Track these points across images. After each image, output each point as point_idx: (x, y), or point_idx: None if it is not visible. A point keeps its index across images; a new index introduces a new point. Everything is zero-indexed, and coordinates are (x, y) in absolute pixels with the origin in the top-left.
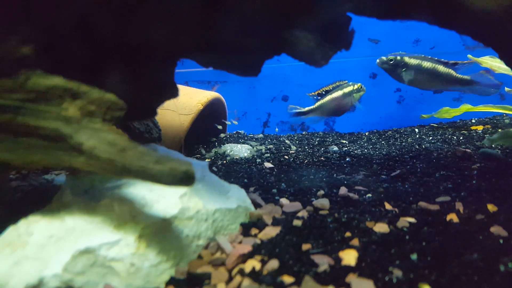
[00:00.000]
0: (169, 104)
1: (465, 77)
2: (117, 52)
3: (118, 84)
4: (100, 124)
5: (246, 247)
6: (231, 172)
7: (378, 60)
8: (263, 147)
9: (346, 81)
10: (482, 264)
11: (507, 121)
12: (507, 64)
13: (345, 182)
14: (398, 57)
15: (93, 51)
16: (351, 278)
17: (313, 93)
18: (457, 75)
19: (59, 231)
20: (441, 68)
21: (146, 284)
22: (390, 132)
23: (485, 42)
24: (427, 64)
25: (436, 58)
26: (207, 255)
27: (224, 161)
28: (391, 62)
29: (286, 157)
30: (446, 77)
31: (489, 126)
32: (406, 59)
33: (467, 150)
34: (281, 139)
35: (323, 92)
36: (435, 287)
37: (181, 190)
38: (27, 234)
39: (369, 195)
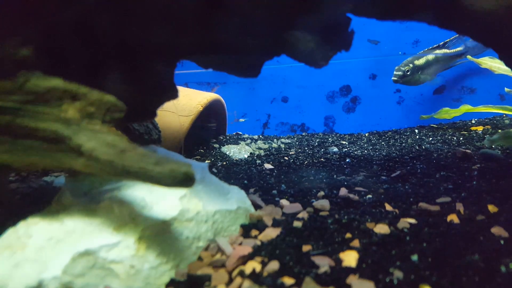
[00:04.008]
0: (168, 105)
1: (458, 48)
2: (116, 53)
3: (117, 85)
4: (100, 126)
5: (246, 249)
6: (231, 173)
7: (395, 78)
8: (262, 149)
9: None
10: (483, 265)
11: (507, 121)
12: (507, 64)
13: (345, 183)
14: (410, 65)
15: (93, 53)
16: (352, 280)
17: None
18: (451, 51)
19: (58, 233)
20: (439, 53)
21: (146, 286)
22: (390, 133)
23: (485, 42)
24: (430, 56)
25: (428, 49)
26: (207, 257)
27: (224, 163)
28: (409, 73)
29: (286, 158)
30: (446, 58)
31: (489, 126)
32: (417, 62)
33: (467, 150)
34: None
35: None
36: None
37: (181, 191)
38: (26, 236)
39: (370, 196)
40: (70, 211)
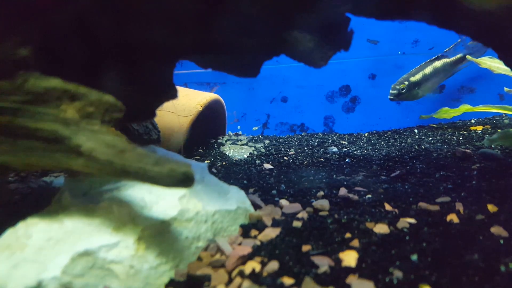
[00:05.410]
0: (168, 105)
1: (458, 55)
2: (115, 53)
3: (116, 85)
4: (99, 126)
5: (246, 249)
6: (231, 173)
7: (390, 96)
8: (262, 148)
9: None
10: (483, 265)
11: (506, 121)
12: (506, 64)
13: (345, 183)
14: (406, 82)
15: (92, 53)
16: (352, 279)
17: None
18: (451, 59)
19: (58, 233)
20: (438, 64)
21: (145, 286)
22: (390, 132)
23: (484, 42)
24: (428, 70)
25: (427, 61)
26: (207, 257)
27: (224, 163)
28: (404, 91)
29: (285, 158)
30: (445, 67)
31: (488, 126)
32: (412, 78)
33: (466, 150)
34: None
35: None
36: None
37: (180, 191)
38: (25, 236)
39: (369, 196)
40: (69, 211)
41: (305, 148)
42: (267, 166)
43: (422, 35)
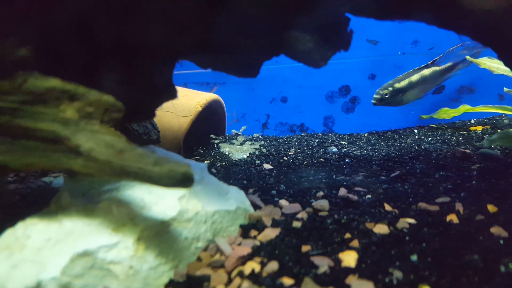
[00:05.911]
0: (167, 105)
1: (448, 64)
2: (115, 53)
3: (116, 85)
4: (98, 126)
5: (245, 249)
6: (230, 173)
7: (373, 101)
8: (262, 148)
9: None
10: (483, 265)
11: (506, 121)
12: (506, 64)
13: (345, 183)
14: (390, 88)
15: (91, 53)
16: (351, 280)
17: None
18: (441, 67)
19: (57, 233)
20: (426, 72)
21: (145, 286)
22: (389, 133)
23: (484, 42)
24: (415, 77)
25: (416, 68)
26: (206, 257)
27: (223, 163)
28: (387, 96)
29: (285, 158)
30: (434, 75)
31: (488, 126)
32: (397, 85)
33: (466, 150)
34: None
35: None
36: None
37: (179, 192)
38: (25, 237)
39: (369, 196)
40: (68, 211)
41: (305, 148)
42: (267, 166)
43: (421, 35)
